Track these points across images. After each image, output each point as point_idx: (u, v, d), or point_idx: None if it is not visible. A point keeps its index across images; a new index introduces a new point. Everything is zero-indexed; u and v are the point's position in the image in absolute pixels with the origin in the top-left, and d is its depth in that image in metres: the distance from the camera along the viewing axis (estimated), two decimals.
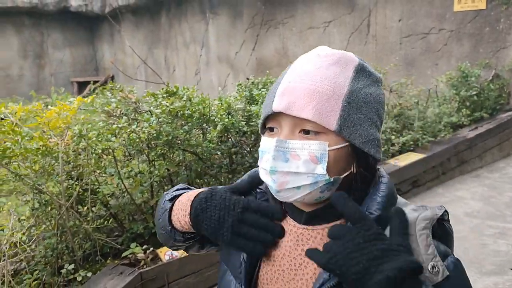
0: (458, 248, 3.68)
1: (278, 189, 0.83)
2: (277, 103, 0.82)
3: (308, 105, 0.79)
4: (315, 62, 0.85)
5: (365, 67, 0.88)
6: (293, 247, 0.90)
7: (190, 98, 3.52)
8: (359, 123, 0.82)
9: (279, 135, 0.83)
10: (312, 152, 0.80)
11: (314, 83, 0.81)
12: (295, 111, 0.80)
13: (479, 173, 5.75)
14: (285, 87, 0.82)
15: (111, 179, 3.37)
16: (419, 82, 7.48)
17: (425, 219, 0.82)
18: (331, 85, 0.81)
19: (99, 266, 3.19)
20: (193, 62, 12.86)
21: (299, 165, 0.80)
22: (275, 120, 0.85)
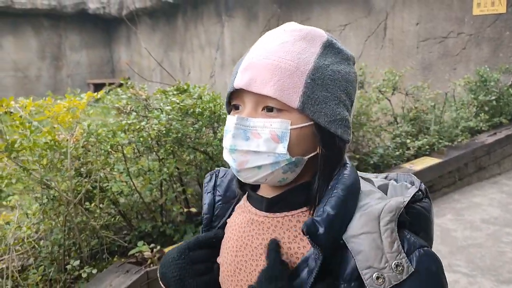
0: (474, 255, 3.58)
1: (238, 169, 0.79)
2: (239, 79, 0.79)
3: (270, 81, 0.75)
4: (281, 37, 0.80)
5: (333, 44, 0.83)
6: (254, 237, 0.86)
7: (201, 96, 3.48)
8: (324, 101, 0.78)
9: (242, 113, 0.80)
10: (274, 130, 0.76)
11: (277, 59, 0.77)
12: (255, 88, 0.76)
13: (498, 179, 5.59)
14: (248, 63, 0.79)
15: (119, 176, 3.33)
16: (436, 86, 7.33)
17: (389, 211, 0.75)
18: (295, 61, 0.77)
19: (106, 264, 3.15)
20: (208, 64, 12.87)
21: (259, 143, 0.77)
22: (239, 97, 0.81)
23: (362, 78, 5.70)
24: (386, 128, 5.59)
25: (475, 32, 7.26)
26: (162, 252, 3.20)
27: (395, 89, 5.71)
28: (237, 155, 0.78)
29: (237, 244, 0.88)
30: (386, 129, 5.58)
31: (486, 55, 7.20)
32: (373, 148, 5.26)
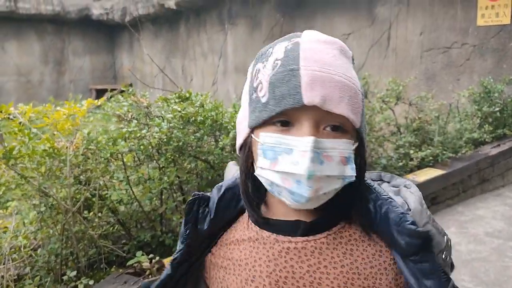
0: (479, 269, 3.51)
1: (310, 197, 0.70)
2: (309, 95, 0.69)
3: (343, 99, 0.70)
4: (325, 49, 0.74)
5: (352, 55, 0.81)
6: (296, 266, 0.78)
7: (203, 104, 3.44)
8: (364, 118, 0.78)
9: (300, 133, 0.71)
10: (342, 151, 0.72)
11: (342, 76, 0.72)
12: (331, 106, 0.69)
13: (501, 192, 5.53)
14: (313, 77, 0.70)
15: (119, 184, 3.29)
16: (440, 97, 7.29)
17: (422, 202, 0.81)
18: (353, 78, 0.74)
19: (103, 274, 3.10)
20: (211, 72, 12.86)
21: (333, 167, 0.71)
22: (292, 113, 0.72)
23: (366, 88, 5.66)
24: (389, 138, 5.54)
25: (479, 43, 7.24)
26: (161, 263, 3.14)
27: (399, 99, 5.67)
28: (313, 182, 0.69)
29: (273, 280, 0.78)
30: (389, 139, 5.53)
31: (490, 66, 7.16)
32: (376, 158, 5.21)
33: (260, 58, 0.79)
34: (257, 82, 0.75)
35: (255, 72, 0.78)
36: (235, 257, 0.84)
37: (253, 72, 0.79)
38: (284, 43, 0.77)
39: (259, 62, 0.78)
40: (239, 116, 0.82)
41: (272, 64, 0.74)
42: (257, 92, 0.75)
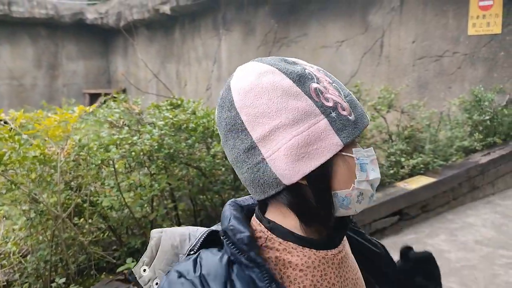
0: (468, 277, 3.54)
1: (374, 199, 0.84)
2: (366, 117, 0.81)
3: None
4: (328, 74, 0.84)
5: None
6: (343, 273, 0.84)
7: (194, 111, 3.45)
8: None
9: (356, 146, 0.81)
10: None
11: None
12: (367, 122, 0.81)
13: (491, 199, 5.58)
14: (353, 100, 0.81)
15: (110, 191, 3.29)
16: (432, 105, 7.36)
17: None
18: None
19: (93, 281, 3.09)
20: (205, 77, 12.88)
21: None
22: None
23: (358, 95, 5.70)
24: (381, 146, 5.58)
25: (470, 52, 7.32)
26: None
27: (390, 107, 5.72)
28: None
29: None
30: (381, 147, 5.57)
31: (481, 74, 7.24)
32: None
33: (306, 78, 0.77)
34: (333, 102, 0.76)
35: (315, 91, 0.76)
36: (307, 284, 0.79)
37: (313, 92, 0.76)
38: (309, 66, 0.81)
39: (311, 83, 0.76)
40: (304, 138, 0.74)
41: (331, 85, 0.79)
42: (339, 110, 0.76)
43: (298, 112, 0.74)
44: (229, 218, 0.78)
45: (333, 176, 0.76)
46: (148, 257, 0.84)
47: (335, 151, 0.74)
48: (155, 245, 0.86)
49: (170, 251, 0.83)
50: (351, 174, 0.76)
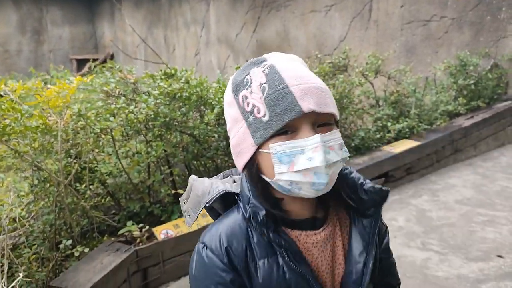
0: (447, 234, 3.78)
1: (327, 182, 0.86)
2: (305, 104, 0.85)
3: (327, 101, 0.88)
4: (295, 65, 0.93)
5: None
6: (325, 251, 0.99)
7: (188, 80, 3.55)
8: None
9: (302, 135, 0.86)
10: (337, 140, 0.89)
11: (318, 82, 0.90)
12: (327, 108, 0.87)
13: (473, 161, 5.82)
14: (302, 90, 0.86)
15: (108, 158, 3.42)
16: (419, 69, 7.48)
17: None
18: (322, 83, 0.92)
19: (96, 243, 3.27)
20: (193, 42, 12.79)
21: (337, 154, 0.88)
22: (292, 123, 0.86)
23: (346, 61, 5.80)
24: (368, 111, 5.74)
25: (458, 16, 7.39)
26: (150, 231, 3.33)
27: (378, 72, 5.84)
28: (329, 169, 0.86)
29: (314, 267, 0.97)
30: (368, 112, 5.73)
31: (467, 39, 7.34)
32: (355, 131, 5.41)
33: (240, 86, 0.92)
34: (251, 106, 0.89)
35: (242, 99, 0.91)
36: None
37: (240, 100, 0.91)
38: (258, 69, 0.91)
39: (241, 90, 0.91)
40: (235, 140, 0.94)
41: (259, 88, 0.88)
42: (255, 114, 0.88)
43: (232, 119, 0.95)
44: (248, 197, 0.94)
45: (261, 168, 0.92)
46: (185, 195, 1.07)
47: (252, 151, 0.90)
48: (189, 188, 1.06)
49: (195, 198, 1.03)
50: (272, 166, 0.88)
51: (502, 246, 3.60)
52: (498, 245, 3.62)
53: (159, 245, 3.22)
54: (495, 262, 3.37)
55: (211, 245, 0.94)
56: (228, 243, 0.93)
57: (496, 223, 4.01)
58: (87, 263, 2.92)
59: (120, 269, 2.96)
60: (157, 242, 3.21)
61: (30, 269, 2.70)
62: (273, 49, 10.00)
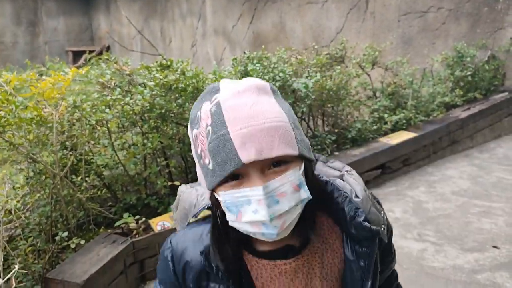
0: (443, 225, 3.80)
1: (278, 232, 0.82)
2: (245, 154, 0.77)
3: (273, 142, 0.78)
4: (243, 101, 0.82)
5: (272, 86, 0.90)
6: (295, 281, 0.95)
7: (184, 71, 3.53)
8: (302, 137, 0.87)
9: (251, 183, 0.80)
10: (292, 182, 0.82)
11: (264, 121, 0.80)
12: (266, 154, 0.78)
13: (470, 153, 5.83)
14: (241, 136, 0.78)
15: (104, 150, 3.41)
16: (416, 61, 7.47)
17: (365, 187, 0.97)
18: (276, 116, 0.82)
19: (92, 235, 3.27)
20: (190, 34, 12.73)
21: (289, 200, 0.81)
22: (238, 170, 0.80)
23: (343, 53, 5.78)
24: (365, 103, 5.73)
25: (455, 7, 7.36)
26: (146, 223, 3.32)
27: (375, 64, 5.83)
28: (277, 221, 0.80)
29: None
30: (365, 103, 5.72)
31: (464, 30, 7.33)
32: (351, 122, 5.40)
33: (193, 123, 0.87)
34: (200, 150, 0.85)
35: (194, 137, 0.87)
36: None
37: (193, 138, 0.87)
38: (207, 105, 0.85)
39: (194, 128, 0.86)
40: (198, 173, 0.90)
41: (205, 131, 0.82)
42: (203, 159, 0.84)
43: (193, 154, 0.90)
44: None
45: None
46: (175, 205, 1.08)
47: (209, 193, 0.89)
48: (177, 200, 1.08)
49: (183, 211, 1.04)
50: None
51: (498, 237, 3.62)
52: (493, 235, 3.64)
53: (156, 236, 3.22)
54: (491, 253, 3.39)
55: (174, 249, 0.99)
56: (187, 257, 0.96)
57: (492, 214, 4.03)
58: (83, 255, 2.92)
59: (117, 260, 2.96)
60: (154, 234, 3.21)
61: (26, 261, 2.70)
62: (270, 41, 9.96)
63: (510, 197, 4.39)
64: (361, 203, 0.92)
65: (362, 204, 0.93)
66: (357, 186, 0.96)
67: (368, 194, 0.96)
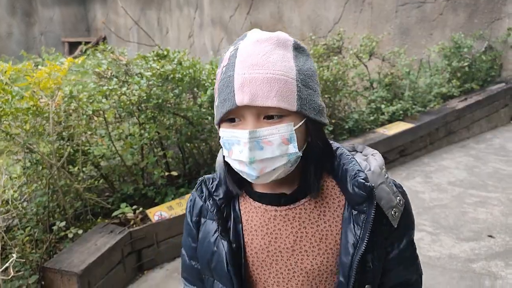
0: (439, 215, 3.82)
1: (258, 175, 0.87)
2: (240, 97, 0.84)
3: (270, 93, 0.83)
4: (259, 49, 0.87)
5: (298, 43, 0.93)
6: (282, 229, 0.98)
7: (180, 61, 3.52)
8: (310, 97, 0.89)
9: (245, 126, 0.86)
10: (282, 135, 0.86)
11: (269, 71, 0.84)
12: (260, 101, 0.83)
13: (466, 143, 5.85)
14: (242, 80, 0.84)
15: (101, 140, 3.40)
16: (413, 52, 7.46)
17: (382, 165, 0.98)
18: (283, 70, 0.86)
19: (90, 225, 3.27)
20: (187, 24, 12.66)
21: (273, 149, 0.85)
22: (236, 112, 0.87)
23: (340, 43, 5.77)
24: (362, 93, 5.73)
25: None
26: (144, 213, 3.33)
27: (372, 54, 5.82)
28: (257, 164, 0.86)
29: (265, 241, 0.98)
30: (362, 94, 5.72)
31: (462, 21, 7.31)
32: (349, 113, 5.40)
33: (220, 63, 0.94)
34: (215, 88, 0.93)
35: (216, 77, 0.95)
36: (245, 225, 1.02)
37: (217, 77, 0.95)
38: (231, 49, 0.91)
39: (218, 69, 0.94)
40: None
41: (220, 71, 0.90)
42: (215, 96, 0.92)
43: None
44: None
45: None
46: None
47: (217, 127, 0.94)
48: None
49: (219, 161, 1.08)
50: None
51: (493, 226, 3.64)
52: (489, 225, 3.66)
53: (153, 226, 3.23)
54: (486, 242, 3.41)
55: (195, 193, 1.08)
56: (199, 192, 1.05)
57: (488, 204, 4.05)
58: (81, 245, 2.93)
59: (114, 250, 2.97)
60: (151, 224, 3.22)
61: (24, 250, 2.71)
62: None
63: (506, 187, 4.41)
64: (371, 175, 0.95)
65: (372, 176, 0.95)
66: (374, 162, 0.98)
67: (384, 173, 0.97)
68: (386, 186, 0.95)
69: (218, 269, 1.01)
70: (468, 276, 3.01)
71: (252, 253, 0.99)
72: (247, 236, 1.00)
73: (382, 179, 0.95)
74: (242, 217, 1.01)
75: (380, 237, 0.96)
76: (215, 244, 1.01)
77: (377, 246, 0.96)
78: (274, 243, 0.97)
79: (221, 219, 1.00)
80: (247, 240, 1.00)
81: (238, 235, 1.00)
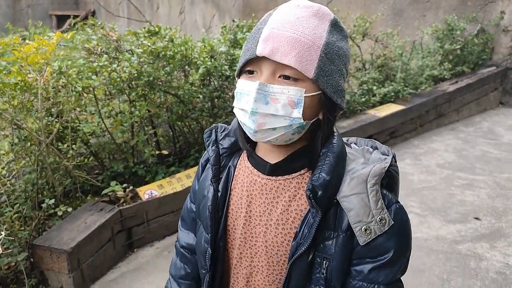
0: (427, 197, 3.86)
1: (256, 129, 0.87)
2: (261, 48, 0.85)
3: (291, 52, 0.83)
4: (296, 12, 0.88)
5: (338, 22, 0.92)
6: (257, 196, 0.99)
7: (172, 38, 3.46)
8: (332, 73, 0.88)
9: (259, 79, 0.86)
10: (290, 96, 0.85)
11: (296, 32, 0.85)
12: (278, 57, 0.84)
13: (455, 126, 5.89)
14: (269, 33, 0.85)
15: (91, 117, 3.36)
16: (406, 33, 7.42)
17: (375, 175, 0.90)
18: (311, 36, 0.86)
19: (79, 203, 3.26)
20: (178, 0, 12.42)
21: (278, 108, 0.85)
22: (255, 64, 0.88)
23: None
24: (354, 74, 5.71)
25: None
26: (134, 191, 3.32)
27: (365, 35, 5.78)
28: (257, 117, 0.86)
29: (243, 201, 1.01)
30: (354, 75, 5.70)
31: (455, 2, 7.27)
32: None
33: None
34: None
35: None
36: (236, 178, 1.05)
37: None
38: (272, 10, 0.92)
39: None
40: None
41: (262, 24, 0.91)
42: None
43: None
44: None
45: None
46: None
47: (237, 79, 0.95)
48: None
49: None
50: None
51: (480, 208, 3.70)
52: (476, 207, 3.72)
53: (143, 205, 3.22)
54: (472, 224, 3.47)
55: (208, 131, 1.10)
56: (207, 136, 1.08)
57: (475, 186, 4.11)
58: (70, 223, 2.92)
59: (104, 228, 2.96)
60: (141, 202, 3.22)
61: (12, 227, 2.68)
62: (260, 9, 9.78)
63: (493, 170, 4.47)
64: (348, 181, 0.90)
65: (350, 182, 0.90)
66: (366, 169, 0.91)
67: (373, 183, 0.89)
68: (366, 197, 0.88)
69: (202, 213, 1.05)
70: (454, 257, 3.07)
71: (233, 208, 1.03)
72: (232, 190, 1.04)
73: (362, 190, 0.89)
74: (235, 172, 1.05)
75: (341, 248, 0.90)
76: (207, 188, 1.05)
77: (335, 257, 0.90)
78: (249, 206, 1.00)
79: (216, 166, 1.04)
80: (232, 195, 1.03)
81: (226, 186, 1.04)
